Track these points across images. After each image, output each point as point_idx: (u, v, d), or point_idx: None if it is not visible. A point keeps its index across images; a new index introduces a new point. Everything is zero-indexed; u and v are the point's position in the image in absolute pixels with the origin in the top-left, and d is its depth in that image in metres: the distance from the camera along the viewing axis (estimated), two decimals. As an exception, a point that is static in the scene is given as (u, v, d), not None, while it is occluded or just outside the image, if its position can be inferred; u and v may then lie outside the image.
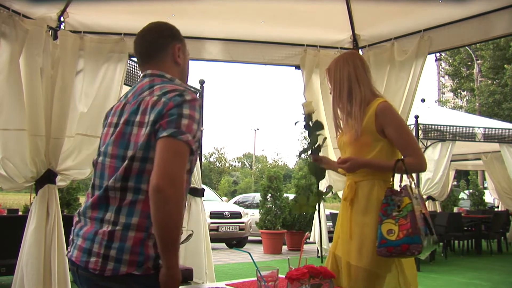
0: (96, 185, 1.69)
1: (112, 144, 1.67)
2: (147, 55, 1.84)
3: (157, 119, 1.57)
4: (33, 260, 3.34)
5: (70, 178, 3.75)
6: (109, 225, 1.59)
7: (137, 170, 1.60)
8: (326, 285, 1.68)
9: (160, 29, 1.89)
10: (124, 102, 1.76)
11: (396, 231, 2.15)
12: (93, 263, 1.57)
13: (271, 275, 1.99)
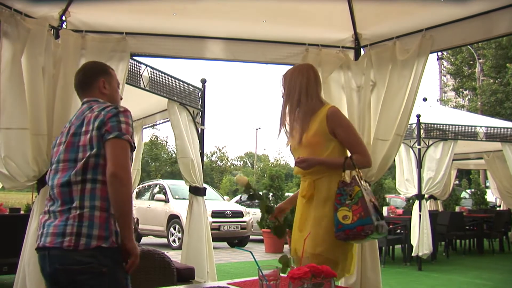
0: (51, 186, 2.13)
1: (63, 153, 2.13)
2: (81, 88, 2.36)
3: (101, 125, 2.08)
4: (35, 259, 3.33)
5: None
6: (77, 210, 1.99)
7: (93, 164, 2.05)
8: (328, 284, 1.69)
9: (86, 69, 2.42)
10: (69, 125, 2.23)
11: (350, 216, 2.47)
12: (67, 241, 1.94)
13: (273, 274, 2.00)
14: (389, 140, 3.89)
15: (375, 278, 3.92)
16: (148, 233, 13.44)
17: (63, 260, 1.94)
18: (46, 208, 2.11)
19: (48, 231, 2.01)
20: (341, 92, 4.18)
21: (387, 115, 3.92)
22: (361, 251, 3.92)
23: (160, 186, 13.85)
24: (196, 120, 6.02)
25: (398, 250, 9.52)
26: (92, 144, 2.07)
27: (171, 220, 12.23)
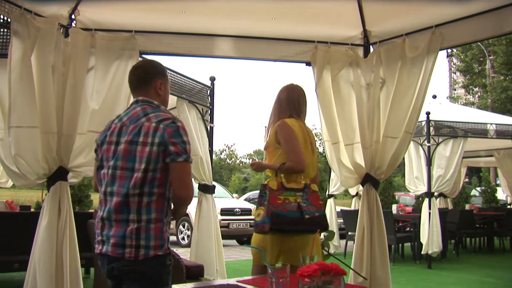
0: (108, 192, 2.20)
1: (120, 159, 2.18)
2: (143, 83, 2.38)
3: (162, 141, 2.15)
4: (45, 256, 3.36)
5: (81, 175, 3.77)
6: (135, 223, 2.13)
7: (151, 178, 2.14)
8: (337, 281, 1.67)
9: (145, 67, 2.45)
10: (120, 125, 2.27)
11: (262, 214, 2.87)
12: (128, 252, 2.11)
13: (282, 271, 1.99)
14: (399, 138, 3.87)
15: (385, 276, 3.91)
16: (158, 231, 13.48)
17: (123, 269, 2.14)
18: (101, 214, 2.22)
19: (109, 242, 2.17)
20: (350, 89, 4.16)
21: (397, 112, 3.89)
22: (371, 249, 3.90)
23: (170, 183, 13.87)
24: (205, 118, 6.02)
25: (407, 248, 9.47)
26: (150, 158, 2.15)
27: (180, 218, 12.26)
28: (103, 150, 2.28)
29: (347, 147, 4.08)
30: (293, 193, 2.94)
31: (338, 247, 9.89)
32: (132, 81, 2.41)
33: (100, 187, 2.27)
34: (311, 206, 2.95)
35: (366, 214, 3.97)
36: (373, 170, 3.98)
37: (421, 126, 8.51)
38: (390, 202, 11.97)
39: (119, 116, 2.35)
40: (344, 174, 4.12)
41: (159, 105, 2.34)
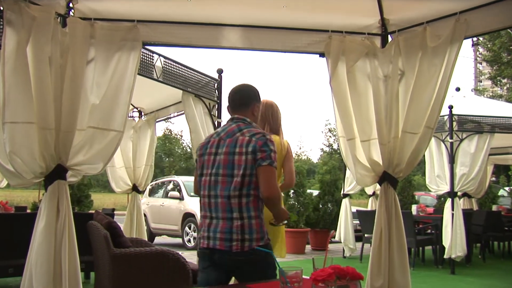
0: (212, 195, 2.84)
1: (221, 168, 2.83)
2: (241, 105, 3.06)
3: (254, 150, 2.76)
4: (43, 260, 3.37)
5: (81, 174, 3.80)
6: (238, 220, 2.75)
7: (248, 182, 2.76)
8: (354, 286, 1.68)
9: (245, 91, 3.13)
10: (218, 138, 2.94)
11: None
12: (234, 246, 2.71)
13: (295, 276, 1.99)
14: (419, 134, 3.86)
15: (404, 281, 3.90)
16: (162, 233, 13.54)
17: (230, 259, 2.73)
18: (206, 213, 2.88)
19: (215, 236, 2.78)
20: (367, 82, 4.15)
21: (417, 106, 3.88)
22: (389, 252, 3.90)
23: (174, 182, 13.93)
24: (212, 112, 6.03)
25: (428, 251, 9.43)
26: (246, 165, 2.77)
27: (186, 219, 12.31)
28: (204, 160, 2.96)
29: (363, 143, 4.07)
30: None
31: (354, 250, 9.89)
32: (234, 102, 3.08)
33: (202, 191, 2.93)
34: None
35: (384, 215, 3.96)
36: (391, 168, 3.97)
37: (443, 121, 8.46)
38: (409, 202, 11.93)
39: (217, 132, 3.03)
40: (360, 172, 4.11)
41: (251, 122, 3.00)
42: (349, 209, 9.88)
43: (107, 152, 3.75)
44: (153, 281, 4.13)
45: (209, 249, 2.81)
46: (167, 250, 4.24)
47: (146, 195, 14.35)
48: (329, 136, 41.87)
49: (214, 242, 2.79)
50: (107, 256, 4.03)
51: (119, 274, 4.02)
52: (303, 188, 11.31)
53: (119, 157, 7.13)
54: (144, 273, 4.11)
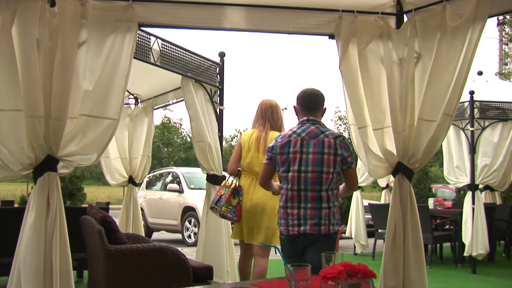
0: (302, 189, 3.60)
1: (311, 165, 3.59)
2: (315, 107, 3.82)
3: (341, 154, 3.62)
4: (32, 257, 3.37)
5: (73, 165, 3.80)
6: (325, 210, 3.59)
7: (332, 179, 3.61)
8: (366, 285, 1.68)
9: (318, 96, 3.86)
10: (300, 138, 3.66)
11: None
12: (323, 229, 3.56)
13: (302, 273, 2.00)
14: (436, 121, 3.84)
15: (420, 280, 3.90)
16: (160, 228, 13.59)
17: (318, 240, 3.56)
18: (294, 204, 3.63)
19: (306, 222, 3.59)
20: (380, 66, 4.13)
21: (434, 92, 3.86)
22: (404, 248, 3.90)
23: (174, 174, 13.96)
24: (213, 99, 6.04)
25: (447, 249, 9.44)
26: (335, 164, 3.62)
27: (186, 213, 12.35)
28: (290, 158, 3.67)
29: (376, 132, 4.06)
30: (224, 189, 5.03)
31: (366, 246, 9.91)
32: (309, 105, 3.78)
33: (289, 185, 3.65)
34: (223, 198, 4.95)
35: (398, 209, 3.96)
36: (406, 158, 3.96)
37: (463, 108, 8.43)
38: (426, 195, 11.95)
39: (294, 132, 3.71)
40: (373, 163, 4.10)
41: (323, 124, 3.77)
42: (360, 203, 9.89)
43: (101, 141, 3.75)
44: (151, 280, 4.15)
45: (296, 235, 3.62)
46: (165, 246, 4.27)
47: (143, 188, 14.39)
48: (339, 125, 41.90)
49: (304, 228, 3.60)
50: (101, 253, 4.06)
51: (114, 272, 4.04)
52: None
53: (114, 147, 7.15)
54: (141, 271, 4.13)
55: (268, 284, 2.68)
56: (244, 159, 5.00)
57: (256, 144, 4.93)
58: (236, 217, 4.90)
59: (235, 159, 5.09)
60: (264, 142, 4.87)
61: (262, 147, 4.81)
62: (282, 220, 3.69)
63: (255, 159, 4.91)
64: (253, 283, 2.70)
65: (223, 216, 4.96)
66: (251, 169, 4.95)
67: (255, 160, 4.91)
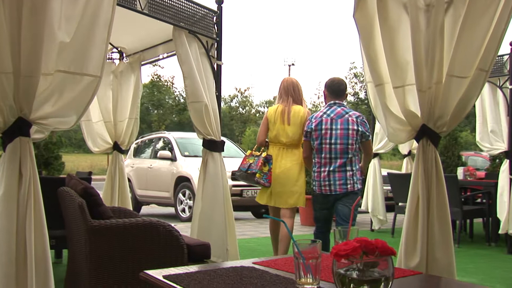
0: (333, 157, 5.58)
1: (339, 139, 5.55)
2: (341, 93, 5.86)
3: (361, 130, 5.61)
4: (2, 236, 3.37)
5: (49, 129, 3.79)
6: (350, 172, 5.56)
7: (355, 148, 5.56)
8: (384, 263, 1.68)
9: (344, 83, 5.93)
10: (330, 118, 5.65)
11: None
12: (349, 187, 5.55)
13: (312, 250, 2.01)
14: (469, 78, 3.81)
15: (447, 260, 3.92)
16: (150, 201, 13.70)
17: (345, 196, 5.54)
18: (326, 169, 5.59)
19: (335, 183, 5.54)
20: (402, 12, 4.07)
21: (467, 43, 3.81)
22: (427, 224, 3.91)
23: (165, 140, 14.00)
24: (210, 53, 5.99)
25: (478, 225, 9.49)
26: (356, 138, 5.56)
27: (179, 184, 12.42)
28: (322, 134, 5.64)
29: (396, 90, 4.03)
30: (253, 158, 6.40)
31: (384, 222, 9.99)
32: (338, 91, 5.81)
33: (322, 154, 5.64)
34: (255, 166, 6.27)
35: (422, 179, 3.96)
36: (431, 121, 3.94)
37: (501, 62, 8.36)
38: (454, 164, 11.94)
39: (324, 113, 5.74)
40: (393, 126, 4.09)
41: (346, 106, 5.79)
42: (378, 172, 9.92)
43: (81, 102, 3.73)
44: (140, 259, 4.19)
45: (327, 194, 5.63)
46: (156, 221, 4.29)
47: (130, 156, 14.46)
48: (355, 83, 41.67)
49: (334, 187, 5.59)
50: (83, 229, 4.08)
51: (98, 251, 4.08)
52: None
53: (96, 108, 7.14)
54: (128, 250, 4.17)
55: (273, 262, 2.71)
56: (272, 131, 6.37)
57: (281, 117, 6.32)
58: (268, 183, 6.23)
59: (264, 131, 6.48)
60: (287, 114, 6.32)
61: (287, 119, 6.30)
62: (316, 181, 5.71)
63: (281, 130, 6.30)
64: (256, 261, 2.73)
65: (257, 182, 6.28)
66: (278, 140, 6.33)
67: (281, 131, 6.30)
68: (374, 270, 1.91)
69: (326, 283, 2.21)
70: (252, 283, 2.25)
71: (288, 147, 6.31)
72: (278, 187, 6.21)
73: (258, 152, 6.49)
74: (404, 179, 8.78)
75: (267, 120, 6.42)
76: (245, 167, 6.36)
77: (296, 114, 6.30)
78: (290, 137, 6.28)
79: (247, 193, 11.81)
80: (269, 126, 6.40)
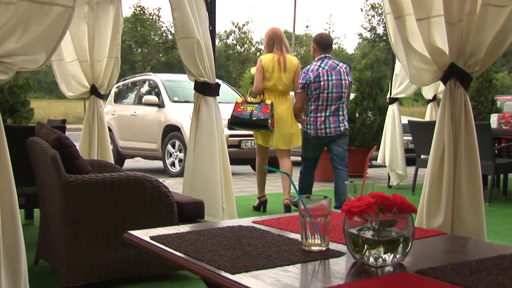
0: (330, 104, 7.28)
1: (335, 88, 7.26)
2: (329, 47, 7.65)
3: (350, 79, 7.51)
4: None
5: (13, 69, 3.74)
6: (342, 116, 7.35)
7: (345, 96, 7.43)
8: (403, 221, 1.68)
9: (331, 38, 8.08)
10: (325, 70, 7.29)
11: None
12: (342, 129, 7.33)
13: (320, 208, 2.02)
14: (508, 7, 3.76)
15: (476, 221, 3.95)
16: (134, 154, 13.74)
17: (339, 137, 7.31)
18: (322, 114, 7.25)
19: (330, 126, 7.22)
20: None
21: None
22: (454, 180, 3.92)
23: (151, 83, 13.96)
24: (201, -20, 5.92)
25: (513, 182, 9.52)
26: (347, 86, 7.35)
27: (168, 134, 12.41)
28: (321, 85, 7.20)
29: (420, 22, 3.99)
30: (251, 105, 7.53)
31: (404, 177, 10.03)
32: (325, 45, 7.48)
33: (320, 102, 7.24)
34: (260, 113, 7.44)
35: (448, 128, 3.95)
36: (462, 59, 3.92)
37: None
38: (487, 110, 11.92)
39: (319, 66, 7.29)
40: (415, 65, 4.06)
41: (334, 59, 7.56)
42: (398, 120, 9.90)
43: (51, 36, 3.69)
44: (123, 219, 4.23)
45: (323, 136, 7.26)
46: (142, 176, 4.30)
47: (110, 102, 14.45)
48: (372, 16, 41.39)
49: (330, 130, 7.21)
50: (57, 186, 4.10)
51: (75, 211, 4.11)
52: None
53: (70, 46, 7.07)
54: (110, 209, 4.20)
55: (276, 221, 2.73)
56: (269, 81, 7.68)
57: (278, 66, 7.67)
58: (273, 128, 7.51)
59: (261, 80, 7.70)
60: (284, 63, 7.70)
61: (283, 68, 7.68)
62: (311, 125, 7.32)
63: (278, 79, 7.68)
64: (257, 220, 2.75)
65: (266, 127, 7.49)
66: (276, 88, 7.71)
67: (278, 80, 7.68)
68: (392, 229, 1.92)
69: (336, 245, 2.23)
70: (251, 244, 2.27)
71: (282, 94, 7.77)
72: (281, 130, 7.64)
73: (255, 99, 7.73)
74: (427, 127, 8.76)
75: (263, 69, 7.70)
76: (246, 114, 7.58)
77: (290, 62, 7.78)
78: (286, 85, 7.76)
79: (246, 144, 11.81)
80: (265, 75, 7.68)
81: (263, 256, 2.08)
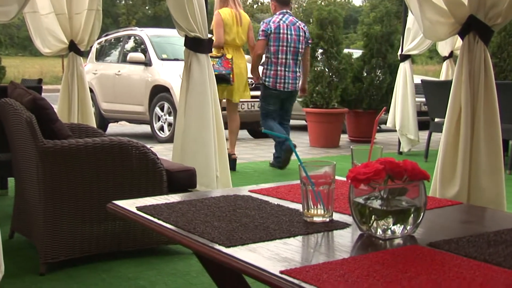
0: (289, 58, 8.69)
1: (293, 42, 8.69)
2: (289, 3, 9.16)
3: (307, 35, 9.03)
4: None
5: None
6: (298, 73, 8.88)
7: (301, 52, 8.95)
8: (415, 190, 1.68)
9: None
10: (286, 24, 8.66)
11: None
12: (297, 87, 8.91)
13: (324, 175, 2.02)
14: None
15: (494, 189, 3.96)
16: (119, 117, 13.74)
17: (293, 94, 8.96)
18: (282, 68, 8.58)
19: (288, 81, 8.63)
20: None
21: None
22: (471, 145, 3.93)
23: (136, 39, 13.91)
24: None
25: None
26: (304, 42, 8.83)
27: (156, 95, 12.39)
28: (281, 37, 8.54)
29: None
30: (212, 59, 7.39)
31: (416, 142, 10.05)
32: (286, 1, 8.81)
33: (279, 55, 8.57)
34: (222, 67, 8.16)
35: (466, 87, 3.95)
36: (482, 10, 3.90)
37: None
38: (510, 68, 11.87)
39: (281, 20, 8.62)
40: (430, 18, 4.05)
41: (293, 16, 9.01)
42: (410, 80, 9.87)
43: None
44: (107, 188, 4.24)
45: (281, 91, 8.55)
46: (127, 141, 4.30)
47: (92, 59, 14.40)
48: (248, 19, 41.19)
49: (288, 85, 8.58)
50: (33, 152, 4.10)
51: (54, 179, 4.12)
52: (338, 46, 11.25)
53: (46, -4, 7.04)
54: (92, 177, 4.21)
55: (275, 190, 2.74)
56: (229, 35, 8.54)
57: (236, 20, 8.58)
58: (233, 81, 8.38)
59: (222, 34, 8.46)
60: (240, 18, 8.66)
61: (239, 22, 8.62)
62: (270, 78, 8.56)
63: (237, 33, 8.61)
64: (254, 189, 2.76)
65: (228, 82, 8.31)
66: (235, 42, 8.66)
67: (237, 34, 8.62)
68: (402, 198, 1.93)
69: (341, 215, 2.24)
70: (248, 215, 2.28)
71: (238, 48, 8.81)
72: (239, 84, 8.66)
73: (218, 54, 8.41)
74: (442, 87, 8.74)
75: (223, 23, 8.51)
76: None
77: (245, 17, 8.83)
78: (243, 40, 8.81)
79: (242, 107, 11.79)
80: (225, 29, 8.52)
81: (260, 228, 2.08)
